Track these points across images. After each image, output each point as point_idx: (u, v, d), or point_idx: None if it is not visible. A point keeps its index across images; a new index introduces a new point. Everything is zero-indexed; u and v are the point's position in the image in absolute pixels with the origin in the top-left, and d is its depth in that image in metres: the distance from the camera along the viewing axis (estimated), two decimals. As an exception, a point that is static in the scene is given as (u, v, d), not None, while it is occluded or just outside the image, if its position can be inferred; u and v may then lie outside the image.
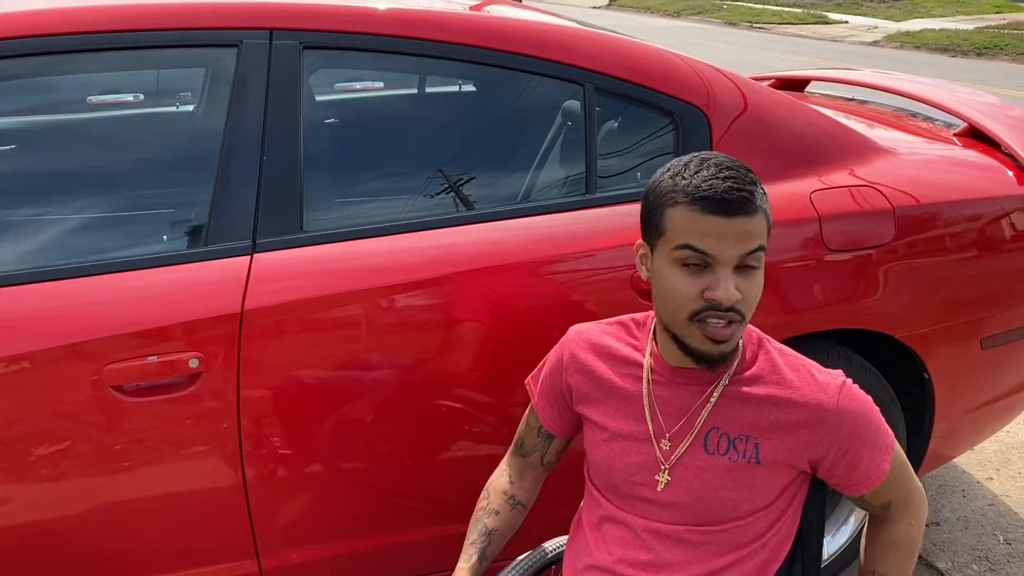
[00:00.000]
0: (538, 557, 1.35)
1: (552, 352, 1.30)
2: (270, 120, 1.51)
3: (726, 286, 1.04)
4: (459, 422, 1.59)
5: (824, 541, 1.94)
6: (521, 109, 1.75)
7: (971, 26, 15.01)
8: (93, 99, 1.67)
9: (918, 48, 13.54)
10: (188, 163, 1.57)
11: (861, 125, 2.13)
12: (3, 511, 1.39)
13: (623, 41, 1.78)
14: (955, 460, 2.64)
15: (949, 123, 2.35)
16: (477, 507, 1.33)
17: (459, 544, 1.31)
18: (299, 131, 1.52)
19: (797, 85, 2.76)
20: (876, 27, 15.98)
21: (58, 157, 1.58)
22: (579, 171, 1.70)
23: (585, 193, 1.68)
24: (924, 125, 2.35)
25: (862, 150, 1.89)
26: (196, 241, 1.49)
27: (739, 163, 1.08)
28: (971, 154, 2.06)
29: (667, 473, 1.15)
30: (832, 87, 2.83)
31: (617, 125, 1.76)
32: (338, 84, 2.04)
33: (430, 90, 2.07)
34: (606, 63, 1.70)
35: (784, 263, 1.71)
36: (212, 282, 1.43)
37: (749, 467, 1.13)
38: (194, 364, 1.41)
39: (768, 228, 1.08)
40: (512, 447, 1.38)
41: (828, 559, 2.03)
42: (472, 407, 1.59)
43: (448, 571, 1.29)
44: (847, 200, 1.77)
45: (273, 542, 1.56)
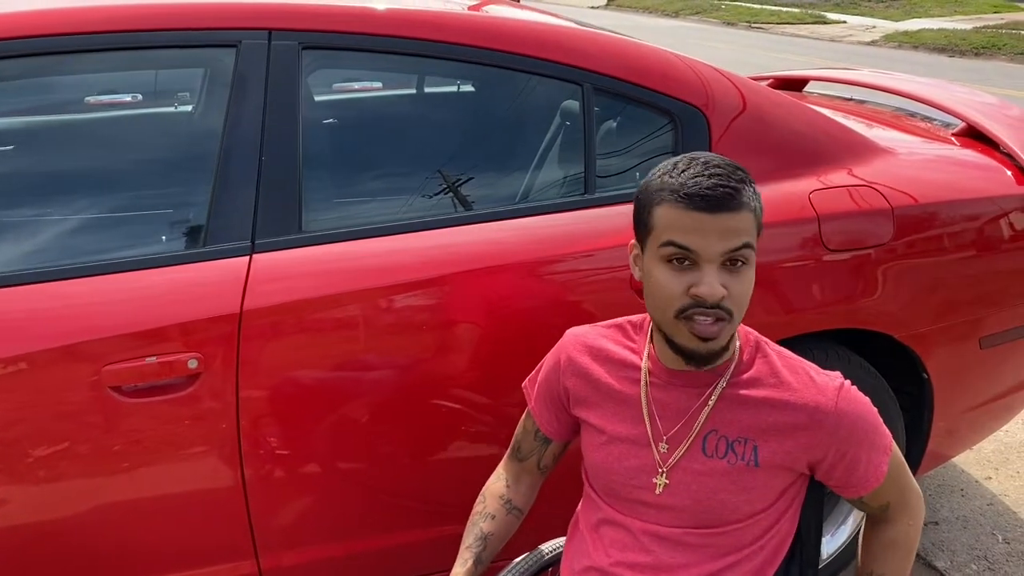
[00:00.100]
0: (535, 559, 1.35)
1: (548, 355, 1.30)
2: (269, 120, 1.50)
3: (710, 282, 1.04)
4: (459, 423, 1.59)
5: (823, 541, 1.95)
6: (520, 109, 1.74)
7: (969, 26, 15.01)
8: (91, 99, 1.67)
9: (916, 48, 13.54)
10: (187, 163, 1.57)
11: (860, 125, 2.13)
12: (2, 512, 1.39)
13: (622, 41, 1.78)
14: (954, 459, 2.64)
15: (947, 123, 2.36)
16: (473, 511, 1.33)
17: (458, 545, 1.31)
18: (298, 131, 1.52)
19: (795, 85, 2.76)
20: (874, 27, 15.98)
21: (56, 157, 1.58)
22: (578, 171, 1.70)
23: (584, 193, 1.68)
24: (922, 125, 2.35)
25: (861, 150, 1.89)
26: (195, 241, 1.49)
27: (729, 162, 1.07)
28: (969, 154, 2.06)
29: (665, 476, 1.15)
30: (831, 87, 2.83)
31: (616, 125, 1.76)
32: (336, 84, 2.04)
33: (429, 90, 2.07)
34: (605, 63, 1.70)
35: (783, 263, 1.71)
36: (211, 282, 1.43)
37: (748, 470, 1.12)
38: (193, 365, 1.40)
39: (757, 226, 1.07)
40: (509, 451, 1.38)
41: (828, 558, 2.03)
42: (472, 407, 1.59)
43: (447, 572, 1.29)
44: (846, 200, 1.77)
45: (272, 543, 1.56)
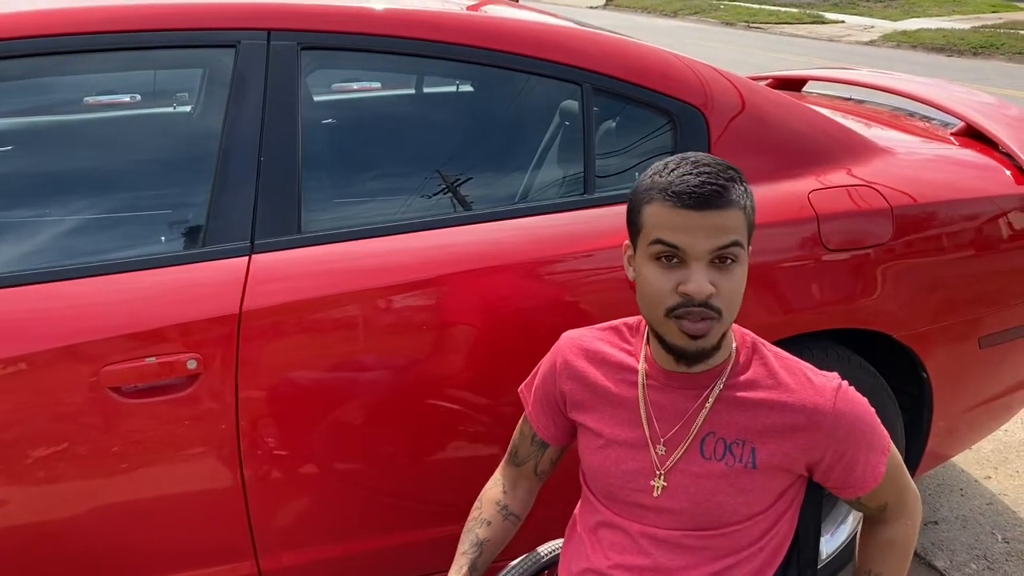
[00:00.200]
0: (533, 561, 1.35)
1: (545, 359, 1.29)
2: (268, 121, 1.50)
3: (698, 280, 1.04)
4: (458, 423, 1.59)
5: (822, 540, 1.95)
6: (519, 109, 1.74)
7: (967, 26, 15.02)
8: (90, 100, 1.67)
9: (915, 48, 13.55)
10: (186, 164, 1.57)
11: (859, 125, 2.13)
12: (2, 512, 1.39)
13: (621, 41, 1.78)
14: (953, 459, 2.64)
15: (946, 123, 2.36)
16: (470, 517, 1.33)
17: (457, 545, 1.31)
18: (297, 132, 1.52)
19: (794, 85, 2.76)
20: (873, 27, 15.98)
21: (55, 158, 1.57)
22: (577, 171, 1.70)
23: (583, 193, 1.68)
24: (921, 125, 2.35)
25: (860, 150, 1.89)
26: (194, 242, 1.48)
27: (719, 161, 1.07)
28: (968, 153, 2.06)
29: (663, 479, 1.15)
30: (829, 87, 2.83)
31: (615, 125, 1.76)
32: (336, 84, 2.04)
33: (428, 90, 2.07)
34: (604, 63, 1.70)
35: (782, 263, 1.71)
36: (210, 283, 1.43)
37: (746, 472, 1.12)
38: (192, 365, 1.40)
39: (749, 225, 1.07)
40: (506, 457, 1.37)
41: (827, 558, 2.03)
42: (471, 408, 1.59)
43: (446, 572, 1.29)
44: (845, 200, 1.77)
45: (272, 543, 1.56)
